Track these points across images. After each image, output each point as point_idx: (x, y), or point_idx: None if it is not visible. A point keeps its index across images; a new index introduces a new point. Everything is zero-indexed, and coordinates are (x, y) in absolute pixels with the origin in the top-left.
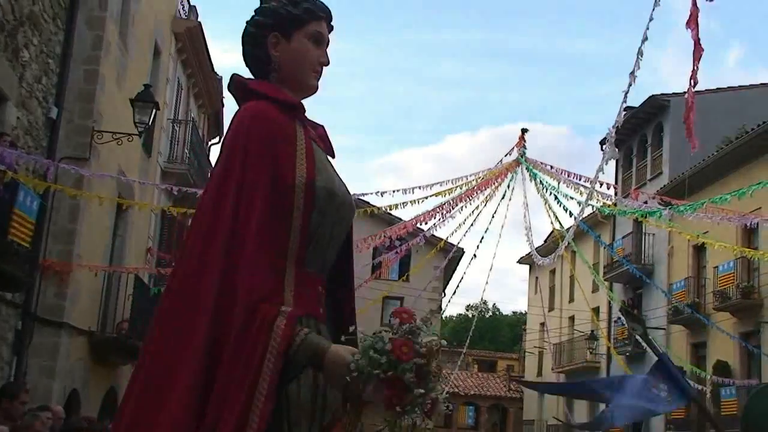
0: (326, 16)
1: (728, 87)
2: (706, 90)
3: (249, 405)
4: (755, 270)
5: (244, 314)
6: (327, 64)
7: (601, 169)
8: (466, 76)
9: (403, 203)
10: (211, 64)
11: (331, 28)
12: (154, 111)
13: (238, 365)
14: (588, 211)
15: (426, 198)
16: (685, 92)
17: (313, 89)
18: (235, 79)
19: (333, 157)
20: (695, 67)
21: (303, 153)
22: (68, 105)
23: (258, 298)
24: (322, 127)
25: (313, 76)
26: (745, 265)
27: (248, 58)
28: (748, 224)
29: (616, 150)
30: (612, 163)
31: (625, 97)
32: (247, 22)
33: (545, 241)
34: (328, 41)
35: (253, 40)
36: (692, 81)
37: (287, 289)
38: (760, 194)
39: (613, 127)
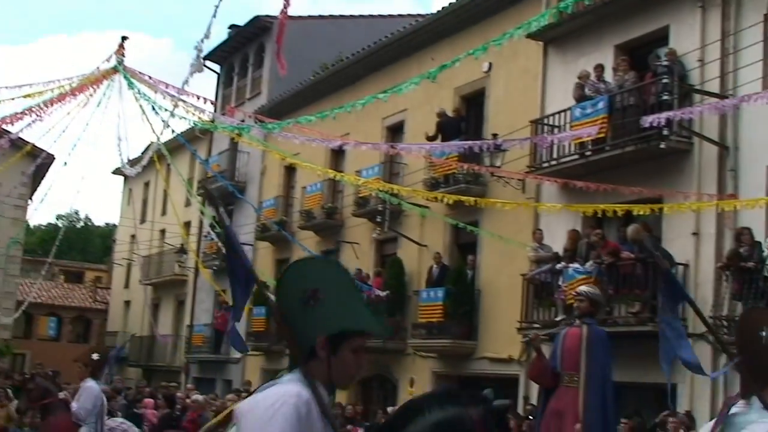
0: None
1: (329, 15)
2: (308, 16)
3: None
4: (339, 192)
5: None
6: None
7: (186, 81)
8: None
9: None
10: None
11: None
12: None
13: None
14: (186, 126)
15: (13, 99)
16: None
17: None
18: None
19: None
20: None
21: None
22: None
23: None
24: None
25: None
26: (332, 187)
27: None
28: (329, 145)
29: (203, 63)
30: (215, 80)
31: (216, 11)
32: None
33: (142, 154)
34: None
35: None
36: (285, 4)
37: None
38: (349, 121)
39: (201, 40)
